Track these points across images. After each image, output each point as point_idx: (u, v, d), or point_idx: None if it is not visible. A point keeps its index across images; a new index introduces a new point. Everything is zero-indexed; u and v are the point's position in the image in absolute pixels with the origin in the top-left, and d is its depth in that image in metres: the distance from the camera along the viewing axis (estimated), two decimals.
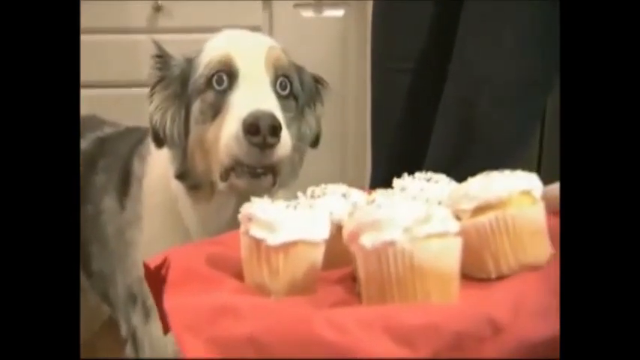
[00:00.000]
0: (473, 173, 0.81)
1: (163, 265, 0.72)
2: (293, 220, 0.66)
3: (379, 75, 1.51)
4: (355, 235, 0.61)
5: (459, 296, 0.61)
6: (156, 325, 1.13)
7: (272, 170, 0.99)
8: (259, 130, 0.93)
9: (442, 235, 0.60)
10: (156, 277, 0.73)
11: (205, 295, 0.63)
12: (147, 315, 1.16)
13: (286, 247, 0.65)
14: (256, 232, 0.66)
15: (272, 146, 0.95)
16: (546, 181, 0.79)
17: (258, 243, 0.66)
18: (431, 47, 1.42)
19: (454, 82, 1.33)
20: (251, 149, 0.95)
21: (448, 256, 0.61)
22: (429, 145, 1.36)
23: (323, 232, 0.69)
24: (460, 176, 0.85)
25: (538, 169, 1.68)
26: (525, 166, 0.84)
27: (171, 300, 0.62)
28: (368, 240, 0.59)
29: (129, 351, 1.23)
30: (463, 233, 0.63)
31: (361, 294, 0.62)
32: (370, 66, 1.54)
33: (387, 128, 1.49)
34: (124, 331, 1.23)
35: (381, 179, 1.48)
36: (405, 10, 1.43)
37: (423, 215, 0.59)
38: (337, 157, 1.93)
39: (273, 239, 0.65)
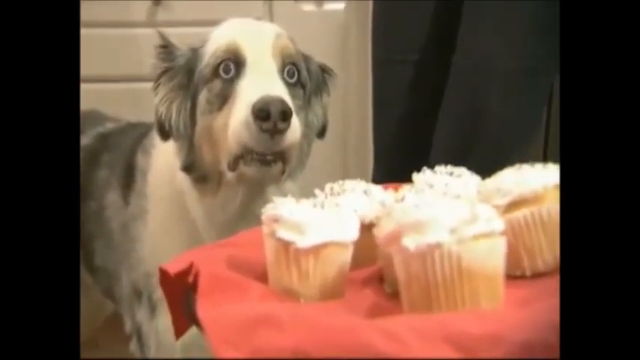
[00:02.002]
0: (480, 164, 0.79)
1: (188, 271, 0.67)
2: (322, 221, 0.62)
3: (381, 67, 1.47)
4: (395, 237, 0.56)
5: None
6: (162, 320, 1.08)
7: (282, 157, 0.94)
8: (270, 116, 0.88)
9: (488, 235, 0.55)
10: (176, 284, 0.68)
11: (238, 303, 0.58)
12: (152, 310, 1.11)
13: (316, 249, 0.61)
14: (284, 234, 0.61)
15: (282, 132, 0.90)
16: None
17: (285, 246, 0.61)
18: (433, 38, 1.38)
19: (457, 71, 1.30)
20: (261, 135, 0.90)
21: (495, 256, 0.56)
22: (434, 136, 1.32)
23: (353, 233, 0.64)
24: (468, 168, 0.82)
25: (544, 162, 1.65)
26: (531, 160, 0.81)
27: (204, 311, 0.56)
28: (411, 242, 0.54)
29: (134, 347, 1.18)
30: None
31: (401, 297, 0.57)
32: (371, 58, 1.49)
33: (389, 120, 1.46)
34: (128, 327, 1.18)
35: (384, 172, 1.44)
36: (406, 0, 1.38)
37: (469, 215, 0.54)
38: (339, 150, 1.89)
39: (302, 241, 0.60)
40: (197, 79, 1.02)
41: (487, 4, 1.25)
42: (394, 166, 1.35)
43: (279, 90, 0.94)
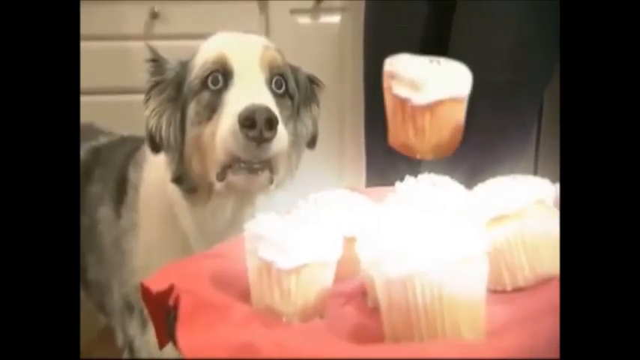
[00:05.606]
0: (469, 175, 0.78)
1: (169, 293, 0.64)
2: (304, 240, 0.59)
3: (372, 82, 1.44)
4: (377, 262, 0.52)
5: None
6: (154, 334, 1.04)
7: (269, 166, 0.92)
8: (255, 124, 0.86)
9: (471, 259, 0.51)
10: (158, 301, 0.65)
11: (219, 327, 0.55)
12: (144, 325, 1.07)
13: (298, 269, 0.58)
14: (266, 253, 0.58)
15: (268, 140, 0.88)
16: None
17: (268, 265, 0.58)
18: (424, 51, 1.35)
19: None
20: (248, 143, 0.88)
21: (478, 281, 0.52)
22: None
23: (335, 252, 0.61)
24: (458, 178, 0.79)
25: (535, 172, 1.62)
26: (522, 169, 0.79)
27: (184, 339, 0.54)
28: (392, 268, 0.50)
29: None
30: None
31: (382, 320, 0.54)
32: (363, 74, 1.47)
33: (381, 132, 1.42)
34: (120, 340, 1.14)
35: (377, 181, 1.41)
36: (397, 12, 1.37)
37: (452, 241, 0.51)
38: (334, 161, 1.88)
39: (284, 262, 0.58)
40: (186, 91, 1.00)
41: (475, 20, 1.23)
42: (386, 176, 1.33)
43: (265, 99, 0.92)
